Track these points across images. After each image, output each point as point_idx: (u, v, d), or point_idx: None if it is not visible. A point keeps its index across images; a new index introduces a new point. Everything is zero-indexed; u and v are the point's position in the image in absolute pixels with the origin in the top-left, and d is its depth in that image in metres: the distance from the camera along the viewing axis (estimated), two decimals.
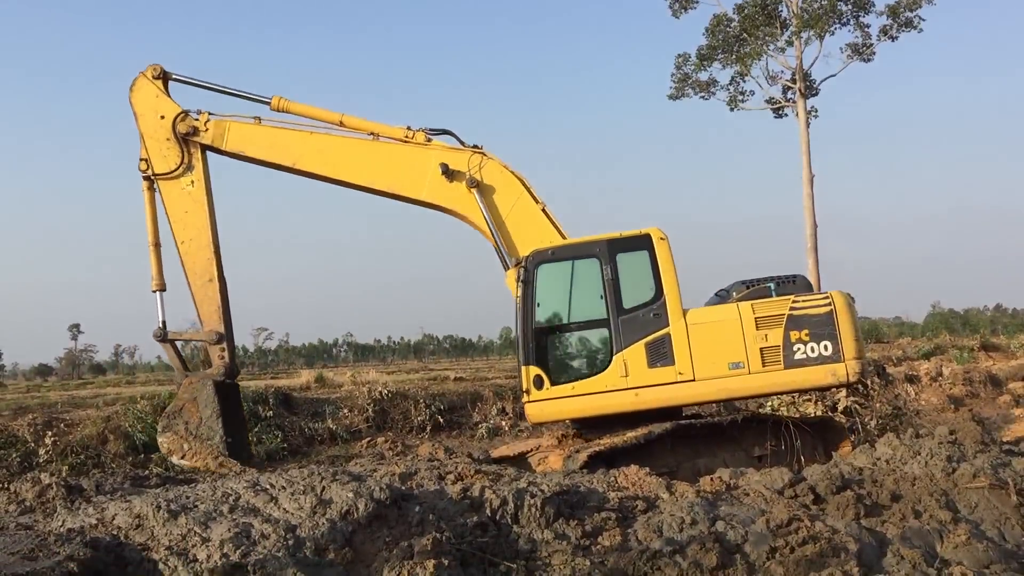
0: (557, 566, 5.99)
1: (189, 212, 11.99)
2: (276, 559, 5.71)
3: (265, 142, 12.12)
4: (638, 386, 10.32)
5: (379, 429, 17.78)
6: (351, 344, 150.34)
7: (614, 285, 10.55)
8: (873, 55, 37.47)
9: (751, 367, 10.22)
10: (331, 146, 12.03)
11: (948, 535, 6.40)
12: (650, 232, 10.70)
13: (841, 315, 10.26)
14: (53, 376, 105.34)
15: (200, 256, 11.98)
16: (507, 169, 11.63)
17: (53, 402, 22.87)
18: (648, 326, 10.40)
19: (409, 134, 11.86)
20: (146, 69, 12.22)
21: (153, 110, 12.11)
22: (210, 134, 12.06)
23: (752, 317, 10.29)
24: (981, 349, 26.06)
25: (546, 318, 10.79)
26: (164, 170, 11.96)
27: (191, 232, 11.99)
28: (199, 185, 12.01)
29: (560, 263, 10.84)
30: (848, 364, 10.19)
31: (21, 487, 9.63)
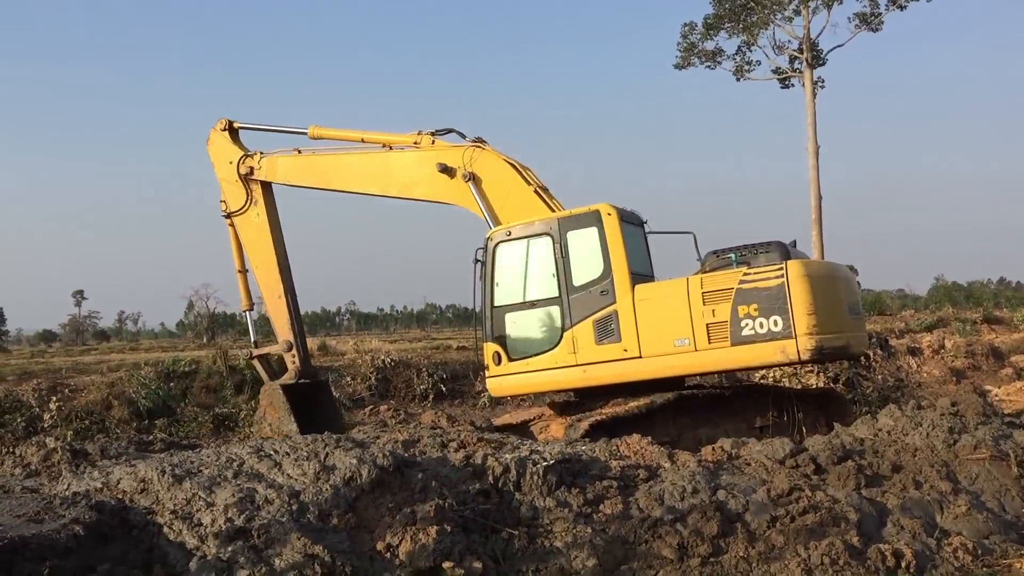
0: (559, 533, 6.03)
1: (257, 240, 13.57)
2: (280, 524, 5.75)
3: (304, 169, 13.50)
4: (587, 363, 10.31)
5: (382, 397, 17.86)
6: (354, 313, 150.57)
7: (564, 263, 10.55)
8: (881, 24, 37.11)
9: (697, 344, 9.80)
10: (353, 164, 13.14)
11: (948, 506, 6.43)
12: (599, 208, 10.58)
13: (796, 288, 9.46)
14: (57, 342, 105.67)
15: (270, 277, 13.55)
16: (501, 158, 11.89)
17: (57, 368, 22.95)
18: (596, 303, 10.34)
19: (418, 139, 12.49)
20: (216, 123, 13.85)
21: (224, 157, 13.67)
22: (264, 170, 13.49)
23: (700, 292, 9.88)
24: (984, 322, 25.99)
25: (504, 296, 10.97)
26: (236, 208, 13.57)
27: (261, 257, 13.57)
28: (263, 216, 13.49)
29: (516, 242, 10.93)
30: (800, 340, 9.44)
31: (27, 451, 9.72)
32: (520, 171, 11.69)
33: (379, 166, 12.88)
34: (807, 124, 36.59)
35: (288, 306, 13.48)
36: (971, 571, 5.52)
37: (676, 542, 5.78)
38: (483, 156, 11.86)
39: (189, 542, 5.73)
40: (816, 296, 9.55)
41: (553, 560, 5.68)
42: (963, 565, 5.58)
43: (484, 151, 11.90)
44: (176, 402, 16.39)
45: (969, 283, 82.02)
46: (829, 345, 9.71)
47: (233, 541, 5.57)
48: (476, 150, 11.90)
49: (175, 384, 17.14)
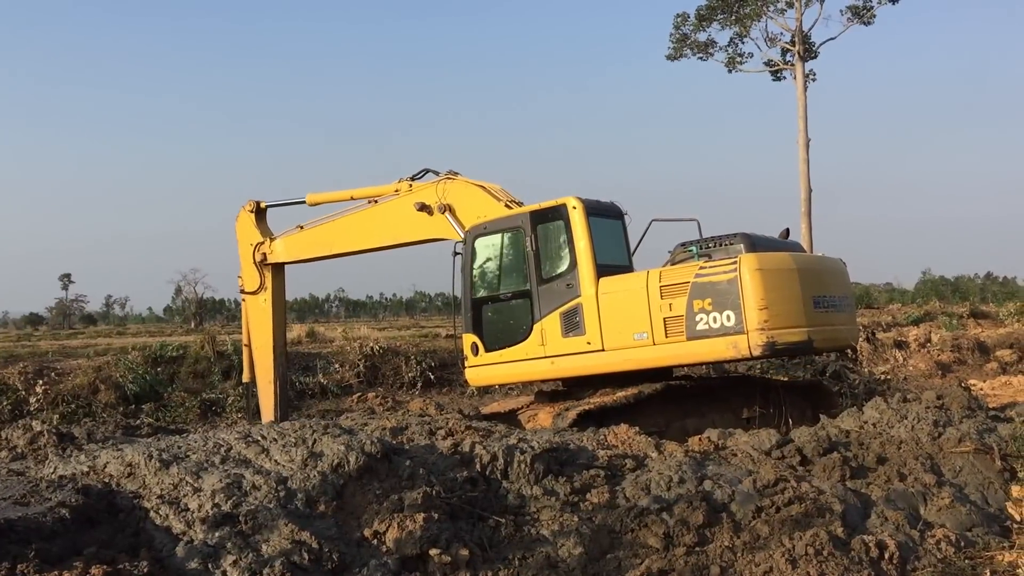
0: (545, 521, 6.05)
1: (261, 324, 14.02)
2: (267, 510, 5.75)
3: (306, 244, 13.85)
4: (554, 355, 10.40)
5: (370, 385, 17.85)
6: (343, 300, 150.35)
7: (535, 256, 10.60)
8: (873, 18, 37.22)
9: (655, 338, 9.72)
10: (344, 226, 13.43)
11: (932, 498, 6.48)
12: (565, 202, 10.56)
13: (748, 282, 9.23)
14: (44, 326, 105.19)
15: (265, 360, 13.91)
16: (471, 183, 12.07)
17: (44, 351, 22.86)
18: (563, 296, 10.37)
19: (399, 187, 12.78)
20: (246, 204, 14.23)
21: (247, 239, 14.11)
22: (275, 254, 13.94)
23: (658, 285, 9.77)
24: (970, 316, 26.17)
25: (481, 289, 11.18)
26: (250, 289, 14.09)
27: (261, 340, 14.02)
28: (268, 303, 13.97)
29: (492, 236, 11.07)
30: (751, 336, 9.21)
31: (13, 434, 9.67)
32: (489, 191, 11.83)
33: (368, 222, 13.16)
34: (798, 117, 36.69)
35: (276, 392, 13.81)
36: (953, 563, 5.56)
37: (662, 531, 5.81)
38: (453, 186, 12.07)
39: (176, 527, 5.72)
40: (770, 290, 9.33)
41: (539, 548, 5.70)
42: (946, 557, 5.62)
43: (454, 181, 12.12)
44: (163, 387, 16.37)
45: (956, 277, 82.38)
46: (783, 341, 9.40)
47: (220, 527, 5.57)
48: (447, 182, 12.11)
49: (162, 369, 17.12)
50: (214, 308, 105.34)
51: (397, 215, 12.67)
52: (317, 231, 13.69)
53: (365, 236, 13.25)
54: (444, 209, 11.93)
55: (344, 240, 13.46)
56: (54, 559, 5.05)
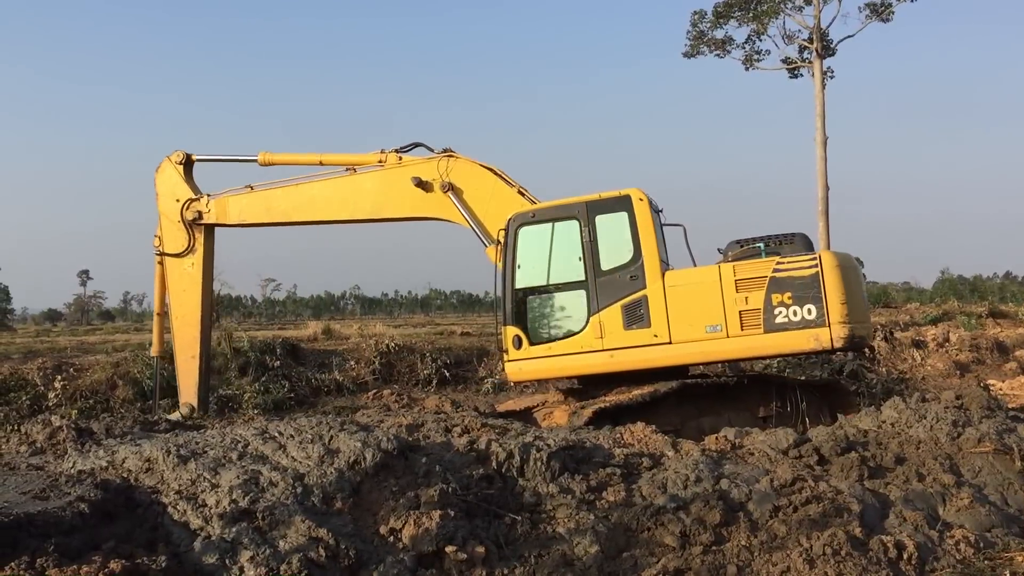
0: (561, 519, 6.04)
1: (186, 291, 12.82)
2: (284, 506, 5.77)
3: (259, 207, 12.76)
4: (613, 347, 10.30)
5: (385, 382, 17.87)
6: (358, 297, 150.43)
7: (592, 247, 10.52)
8: (892, 15, 36.93)
9: (729, 330, 9.99)
10: (314, 193, 12.54)
11: (951, 498, 6.43)
12: (630, 193, 10.59)
13: (829, 277, 9.81)
14: (62, 322, 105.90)
15: (188, 333, 12.79)
16: (476, 164, 11.79)
17: (62, 347, 23.03)
18: (625, 288, 10.34)
19: (383, 157, 12.18)
20: (172, 154, 13.01)
21: (171, 193, 12.90)
22: (213, 214, 12.77)
23: (732, 279, 10.06)
24: (989, 316, 25.90)
25: (526, 279, 10.85)
26: (172, 250, 12.82)
27: (184, 310, 12.82)
28: (198, 267, 12.78)
29: (540, 225, 10.86)
30: (833, 329, 9.75)
31: (32, 429, 9.72)
32: (499, 174, 11.66)
33: (346, 191, 12.39)
34: (816, 115, 36.46)
35: (200, 369, 12.83)
36: (973, 564, 5.52)
37: (678, 530, 5.79)
38: (458, 164, 11.77)
39: (193, 522, 5.75)
40: (847, 286, 9.89)
41: (555, 546, 5.70)
42: (965, 558, 5.58)
43: (458, 159, 11.80)
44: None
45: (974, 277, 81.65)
46: (858, 334, 10.01)
47: (237, 522, 5.59)
48: (450, 160, 11.79)
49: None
50: (230, 305, 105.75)
51: (387, 188, 12.13)
52: (278, 195, 12.68)
53: (340, 207, 12.45)
54: (447, 188, 11.59)
55: (311, 209, 12.56)
56: (73, 553, 5.08)
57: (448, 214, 11.79)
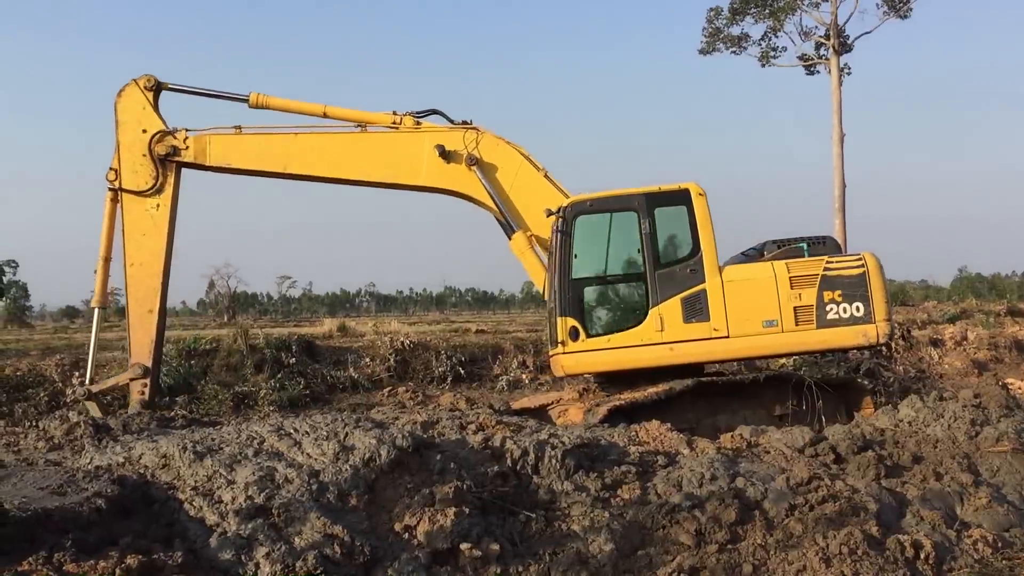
0: (576, 517, 6.03)
1: (147, 235, 11.45)
2: (300, 503, 5.78)
3: (250, 151, 11.63)
4: (674, 340, 10.34)
5: (400, 379, 17.89)
6: (373, 294, 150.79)
7: (651, 239, 10.52)
8: (910, 11, 36.67)
9: (784, 325, 10.31)
10: (320, 145, 11.62)
11: (969, 498, 6.39)
12: (689, 187, 10.64)
13: (873, 277, 10.39)
14: (80, 318, 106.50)
15: (147, 283, 11.46)
16: (503, 141, 11.49)
17: (80, 344, 23.12)
18: (684, 281, 10.41)
19: (397, 119, 11.56)
20: (139, 77, 11.64)
21: (136, 121, 11.54)
22: (191, 151, 11.52)
23: (787, 276, 10.36)
24: (1007, 314, 25.74)
25: (583, 269, 10.68)
26: (133, 187, 11.43)
27: (143, 256, 11.44)
28: (164, 210, 11.49)
29: (598, 215, 10.76)
30: (879, 325, 10.32)
31: (50, 425, 9.80)
32: (526, 155, 11.40)
33: (356, 148, 11.55)
34: (832, 111, 36.25)
35: (157, 324, 11.48)
36: (991, 564, 5.48)
37: (693, 528, 5.78)
38: (486, 139, 11.42)
39: (209, 518, 5.77)
40: (885, 285, 10.59)
41: (570, 544, 5.69)
42: (983, 557, 5.55)
43: (485, 134, 11.44)
44: (197, 380, 16.50)
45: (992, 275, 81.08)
46: (892, 331, 10.98)
47: (253, 519, 5.61)
48: (477, 133, 11.42)
49: (196, 362, 17.24)
50: (246, 302, 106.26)
51: (406, 152, 11.44)
52: (275, 141, 11.57)
53: (355, 165, 11.59)
54: (473, 162, 11.17)
55: (319, 162, 11.58)
56: (90, 548, 5.10)
57: (471, 190, 11.40)
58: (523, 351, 19.27)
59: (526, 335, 21.75)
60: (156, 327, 11.45)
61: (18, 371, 15.89)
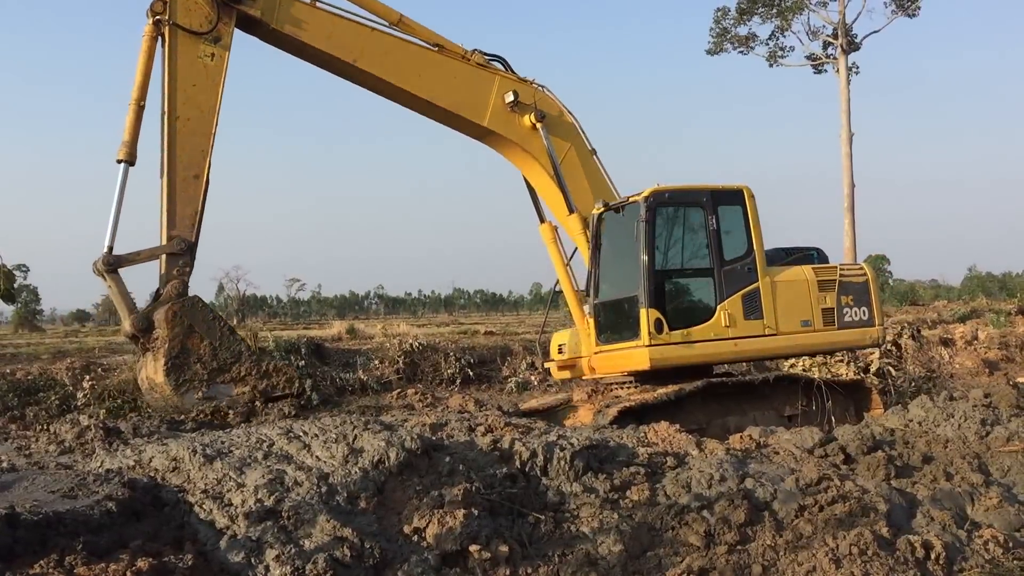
0: (585, 518, 6.03)
1: (198, 86, 9.87)
2: (309, 505, 5.80)
3: (323, 29, 10.43)
4: (738, 336, 10.60)
5: (409, 381, 17.91)
6: (382, 296, 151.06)
7: (718, 236, 10.72)
8: (918, 10, 36.56)
9: (816, 325, 11.11)
10: (397, 49, 10.81)
11: (979, 498, 6.36)
12: (743, 188, 10.98)
13: (873, 284, 11.62)
14: (90, 322, 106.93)
15: (194, 143, 9.89)
16: (565, 110, 11.31)
17: (91, 347, 23.26)
18: (743, 279, 10.74)
19: (468, 54, 11.09)
20: None
21: None
22: (260, 6, 10.12)
23: (815, 280, 11.11)
24: (1018, 313, 25.62)
25: (664, 261, 10.70)
26: (187, 23, 9.69)
27: (192, 111, 9.86)
28: (219, 62, 9.94)
29: (675, 207, 10.89)
30: (878, 329, 11.54)
31: (61, 428, 9.86)
32: (582, 130, 11.28)
33: (432, 66, 10.89)
34: (841, 111, 36.17)
35: (203, 193, 9.99)
36: (1002, 564, 5.46)
37: (703, 529, 5.76)
38: (548, 101, 11.18)
39: (219, 521, 5.78)
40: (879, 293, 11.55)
41: (579, 545, 5.69)
42: (994, 558, 5.52)
43: (548, 96, 11.18)
44: None
45: (1003, 273, 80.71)
46: None
47: (263, 521, 5.62)
48: (543, 92, 11.26)
49: None
50: (256, 305, 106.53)
51: (476, 87, 11.02)
52: (346, 25, 10.60)
53: (423, 81, 10.89)
54: (542, 118, 10.94)
55: (384, 63, 10.68)
56: (101, 551, 5.12)
57: (531, 147, 11.09)
58: (532, 353, 19.26)
59: (535, 336, 21.73)
60: (201, 195, 9.96)
61: (29, 375, 15.97)
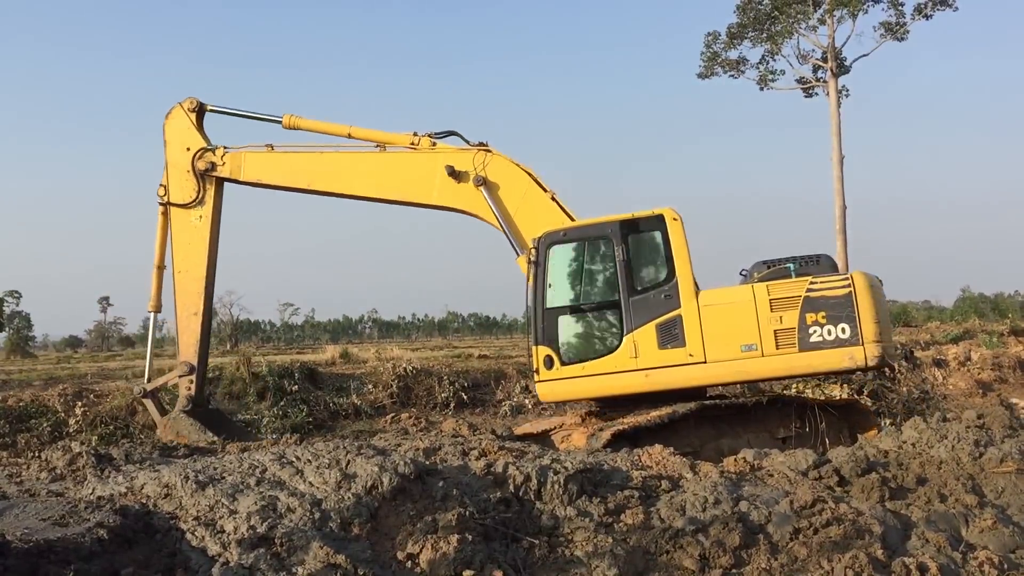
0: (579, 542, 6.01)
1: (191, 244, 12.60)
2: (302, 532, 5.77)
3: (279, 168, 12.55)
4: (648, 367, 10.25)
5: (403, 405, 17.86)
6: (376, 321, 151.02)
7: (626, 266, 10.49)
8: (907, 34, 36.86)
9: (764, 349, 10.02)
10: (341, 163, 12.35)
11: (974, 519, 6.36)
12: (663, 212, 10.59)
13: (861, 297, 9.94)
14: (83, 348, 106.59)
15: (191, 288, 12.61)
16: (512, 163, 11.73)
17: (83, 373, 23.15)
18: (659, 307, 10.31)
19: (415, 140, 12.07)
20: (184, 100, 12.78)
21: (181, 141, 12.69)
22: (227, 167, 12.55)
23: (767, 299, 10.09)
24: (1011, 334, 25.67)
25: (557, 298, 10.76)
26: (179, 200, 12.61)
27: (188, 264, 12.60)
28: (206, 221, 12.59)
29: (572, 244, 10.84)
30: (867, 348, 9.86)
31: (52, 455, 9.80)
32: (534, 177, 11.61)
33: (373, 166, 12.18)
34: (831, 133, 36.36)
35: (202, 326, 12.73)
36: None
37: (697, 553, 5.75)
38: (495, 160, 11.69)
39: (211, 548, 5.76)
40: (877, 305, 10.04)
41: (574, 569, 5.67)
42: None
43: (495, 155, 11.72)
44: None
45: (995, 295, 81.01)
46: (887, 353, 10.10)
47: (255, 548, 5.60)
48: (487, 154, 11.71)
49: None
50: (249, 329, 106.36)
51: (418, 172, 11.95)
52: (302, 159, 12.45)
53: (372, 183, 12.23)
54: (480, 182, 11.47)
55: (334, 179, 12.31)
56: None
57: (477, 209, 11.66)
58: (526, 376, 19.23)
59: (528, 360, 21.67)
60: (201, 329, 12.64)
61: (21, 401, 15.88)
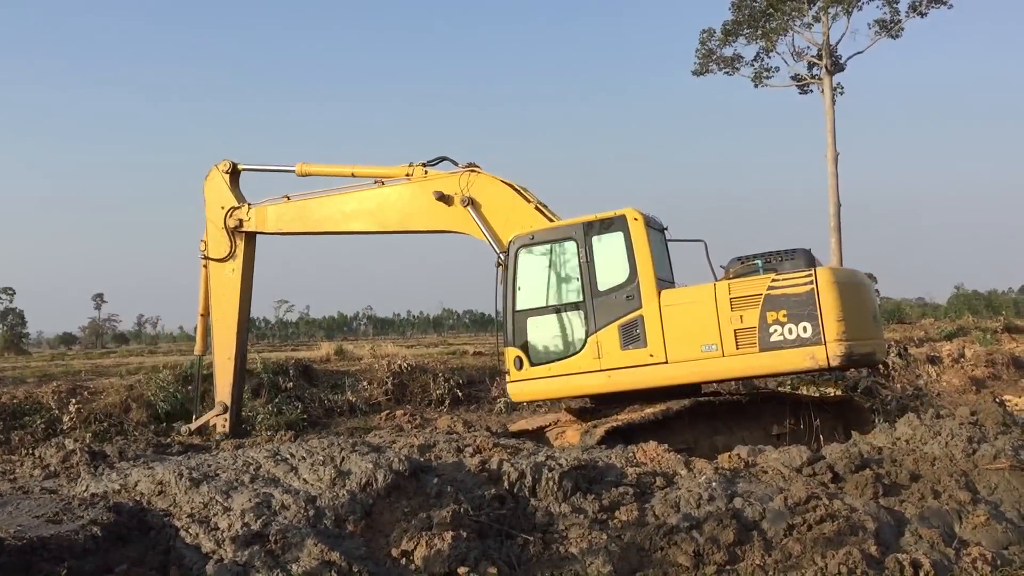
0: (574, 539, 6.02)
1: (225, 295, 13.60)
2: (296, 529, 5.77)
3: (295, 216, 13.45)
4: (611, 368, 10.25)
5: (398, 402, 17.82)
6: (371, 317, 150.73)
7: (589, 267, 10.53)
8: (901, 31, 36.92)
9: (725, 349, 9.78)
10: (345, 205, 13.13)
11: (967, 516, 6.38)
12: (625, 213, 10.57)
13: (824, 294, 9.49)
14: (77, 345, 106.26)
15: (226, 334, 13.61)
16: (497, 180, 11.96)
17: (77, 370, 23.08)
18: (621, 308, 10.31)
19: (410, 171, 12.52)
20: (219, 163, 13.79)
21: (218, 201, 13.68)
22: (253, 222, 13.52)
23: (728, 297, 9.86)
24: (1004, 331, 25.72)
25: (526, 301, 10.91)
26: (214, 255, 13.63)
27: (223, 312, 13.62)
28: (237, 273, 13.54)
29: (540, 246, 10.94)
30: (829, 347, 9.41)
31: (46, 452, 9.80)
32: (518, 190, 11.78)
33: (372, 203, 12.84)
34: (826, 131, 36.41)
35: (235, 369, 13.60)
36: None
37: (692, 549, 5.76)
38: (479, 180, 11.95)
39: (206, 545, 5.75)
40: (845, 302, 9.59)
41: (568, 566, 5.68)
42: (982, 575, 5.54)
43: (479, 175, 11.99)
44: (194, 405, 16.45)
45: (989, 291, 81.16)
46: (857, 352, 9.68)
47: (249, 545, 5.59)
48: (471, 174, 11.98)
49: (193, 387, 17.20)
50: None
51: (412, 201, 12.46)
52: (311, 205, 13.31)
53: (368, 218, 12.90)
54: (467, 203, 11.80)
55: (340, 219, 13.10)
56: None
57: (467, 228, 11.94)
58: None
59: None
60: (234, 370, 13.60)
61: (14, 399, 15.82)
